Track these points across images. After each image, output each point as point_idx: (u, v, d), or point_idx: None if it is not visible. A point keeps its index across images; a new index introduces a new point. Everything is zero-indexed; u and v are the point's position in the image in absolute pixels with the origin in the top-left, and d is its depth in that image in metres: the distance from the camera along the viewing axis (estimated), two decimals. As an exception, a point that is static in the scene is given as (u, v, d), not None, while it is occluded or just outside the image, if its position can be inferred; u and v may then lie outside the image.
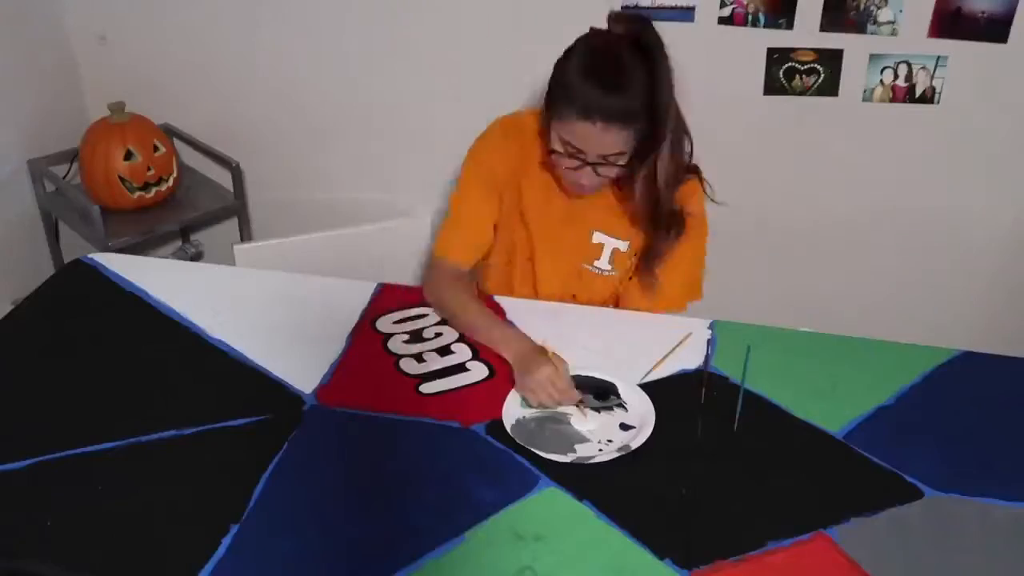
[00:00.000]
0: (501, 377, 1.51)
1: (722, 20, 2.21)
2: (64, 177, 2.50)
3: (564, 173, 1.59)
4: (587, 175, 1.55)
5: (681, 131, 1.58)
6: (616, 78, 1.47)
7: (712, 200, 1.69)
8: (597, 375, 1.50)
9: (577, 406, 1.44)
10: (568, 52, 1.53)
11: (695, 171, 1.68)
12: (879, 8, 2.12)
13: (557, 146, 1.54)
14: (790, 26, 2.19)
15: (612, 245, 1.71)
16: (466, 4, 2.32)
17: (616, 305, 1.80)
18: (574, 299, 1.77)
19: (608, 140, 1.49)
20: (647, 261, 1.68)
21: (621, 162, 1.54)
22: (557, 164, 1.58)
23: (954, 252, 2.42)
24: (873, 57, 2.19)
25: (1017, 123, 2.23)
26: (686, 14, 2.21)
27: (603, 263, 1.73)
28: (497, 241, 1.79)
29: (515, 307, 1.70)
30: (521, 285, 1.81)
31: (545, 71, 1.57)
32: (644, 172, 1.56)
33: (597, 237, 1.71)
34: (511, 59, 2.28)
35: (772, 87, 2.27)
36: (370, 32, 2.41)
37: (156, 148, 2.41)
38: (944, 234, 2.39)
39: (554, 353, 1.47)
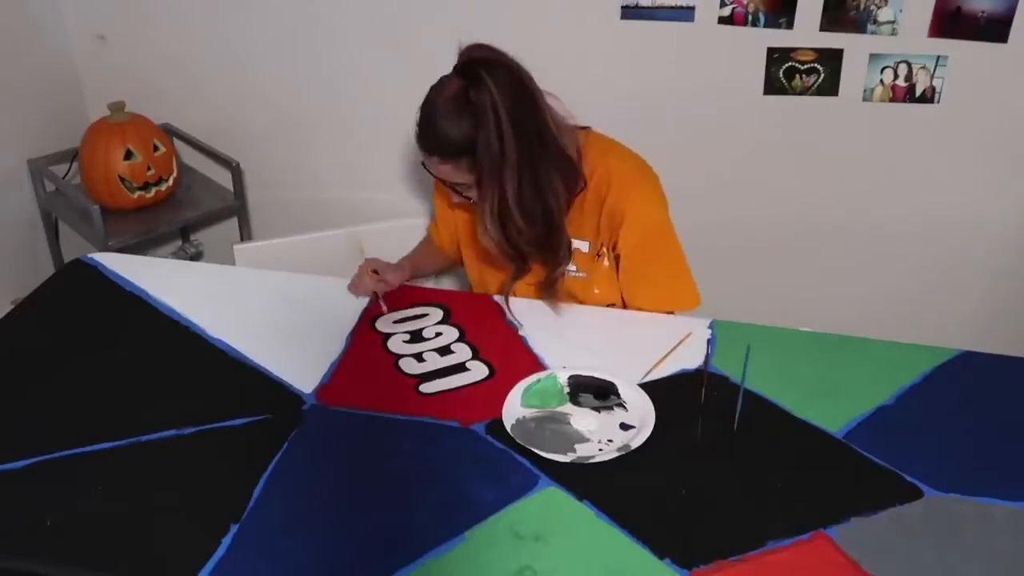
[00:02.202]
0: (501, 377, 1.51)
1: (722, 20, 2.21)
2: (64, 177, 2.50)
3: None
4: (451, 193, 1.65)
5: (540, 171, 1.55)
6: (431, 115, 1.54)
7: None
8: (597, 375, 1.50)
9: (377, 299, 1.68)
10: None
11: (647, 179, 1.68)
12: (879, 8, 2.12)
13: (423, 159, 1.63)
14: (790, 26, 2.18)
15: (573, 246, 1.69)
16: (468, 5, 2.32)
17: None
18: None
19: (438, 169, 1.59)
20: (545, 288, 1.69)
21: (469, 194, 1.61)
22: None
23: (954, 251, 2.41)
24: (873, 57, 2.19)
25: (1017, 123, 2.22)
26: (686, 14, 2.21)
27: (569, 265, 1.70)
28: (468, 255, 1.83)
29: (515, 306, 1.70)
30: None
31: (545, 72, 1.57)
32: (489, 206, 1.56)
33: None
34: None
35: (772, 87, 2.27)
36: (371, 32, 2.40)
37: (156, 148, 2.41)
38: (944, 234, 2.39)
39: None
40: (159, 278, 1.77)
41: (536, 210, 1.57)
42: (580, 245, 1.70)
